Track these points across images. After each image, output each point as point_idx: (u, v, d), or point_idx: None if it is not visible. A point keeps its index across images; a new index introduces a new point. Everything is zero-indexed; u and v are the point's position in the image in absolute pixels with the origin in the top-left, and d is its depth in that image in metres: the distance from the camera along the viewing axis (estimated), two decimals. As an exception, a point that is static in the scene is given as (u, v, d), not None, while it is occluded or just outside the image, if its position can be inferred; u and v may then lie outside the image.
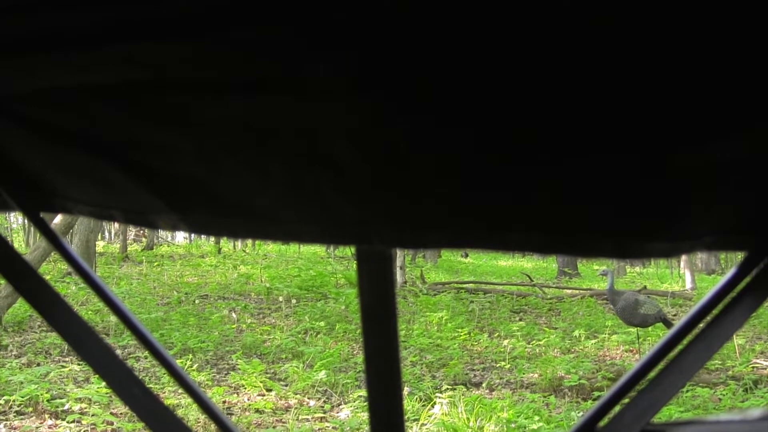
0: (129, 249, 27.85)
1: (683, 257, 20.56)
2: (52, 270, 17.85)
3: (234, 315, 13.09)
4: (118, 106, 0.99)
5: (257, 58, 0.82)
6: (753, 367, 9.76)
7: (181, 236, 38.67)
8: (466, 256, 33.76)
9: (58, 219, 10.19)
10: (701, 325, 1.29)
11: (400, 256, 17.07)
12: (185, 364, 9.16)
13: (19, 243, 30.31)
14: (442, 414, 7.43)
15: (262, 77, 0.86)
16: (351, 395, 8.31)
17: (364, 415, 7.31)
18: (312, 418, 7.64)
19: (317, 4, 0.73)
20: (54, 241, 1.46)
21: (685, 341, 1.29)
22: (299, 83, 0.85)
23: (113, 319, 11.17)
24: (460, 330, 12.06)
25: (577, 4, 0.69)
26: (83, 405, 7.41)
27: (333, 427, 7.28)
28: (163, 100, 0.95)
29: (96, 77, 0.92)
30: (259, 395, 8.27)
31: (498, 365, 10.09)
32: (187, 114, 0.97)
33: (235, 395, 8.20)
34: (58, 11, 0.79)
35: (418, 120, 0.89)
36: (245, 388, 8.39)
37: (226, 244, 30.40)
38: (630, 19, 0.70)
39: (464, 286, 18.37)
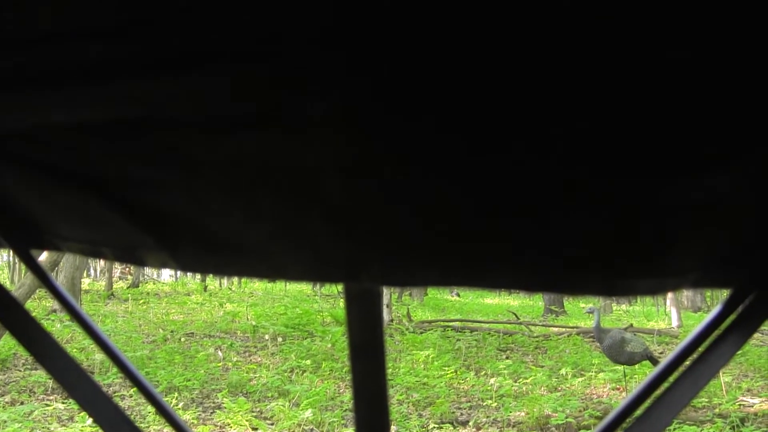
0: (114, 286, 27.68)
1: (669, 295, 20.56)
2: (37, 307, 17.72)
3: (220, 353, 13.01)
4: (109, 143, 0.99)
5: (249, 95, 0.82)
6: (740, 405, 9.74)
7: (166, 274, 38.55)
8: (458, 295, 33.63)
9: (43, 256, 10.13)
10: (687, 362, 1.30)
11: (387, 294, 17.02)
12: (171, 402, 9.08)
13: (3, 280, 30.10)
14: (429, 453, 7.39)
15: (254, 115, 0.87)
16: (337, 434, 8.25)
17: (351, 454, 7.26)
18: (298, 457, 7.58)
19: (310, 45, 0.74)
20: (43, 278, 1.46)
21: (671, 378, 1.29)
22: (291, 122, 0.86)
23: (99, 356, 11.08)
24: (446, 368, 12.01)
25: (570, 32, 0.70)
26: (67, 444, 7.33)
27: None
28: (154, 138, 0.95)
29: (87, 115, 0.92)
30: (244, 434, 8.21)
31: (485, 403, 10.04)
32: (178, 151, 0.97)
33: (221, 434, 8.14)
34: (51, 49, 0.79)
35: (409, 160, 0.90)
36: (231, 427, 8.33)
37: (212, 281, 30.30)
38: (623, 45, 0.71)
39: (451, 324, 18.32)
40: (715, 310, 1.28)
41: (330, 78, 0.78)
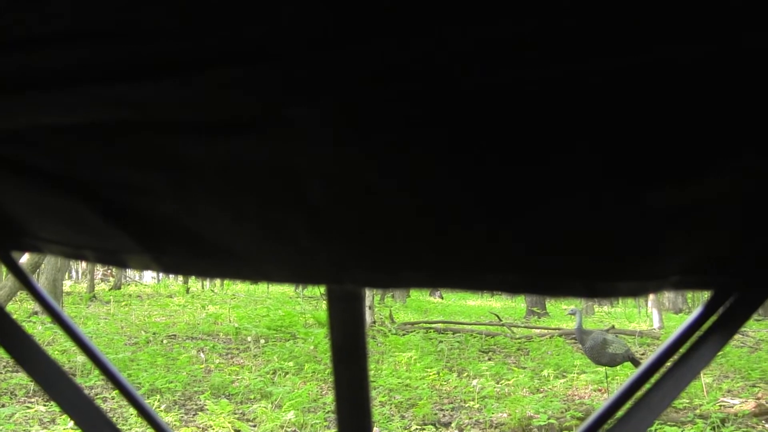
0: (96, 288, 27.57)
1: (651, 296, 20.61)
2: (18, 310, 17.63)
3: (202, 355, 12.98)
4: (93, 146, 0.98)
5: (246, 96, 0.82)
6: (720, 406, 9.80)
7: (149, 276, 38.43)
8: (441, 296, 33.61)
9: (24, 258, 10.09)
10: (668, 363, 1.30)
11: (369, 295, 17.01)
12: (153, 404, 9.05)
13: (-16, 282, 29.91)
14: (412, 454, 7.39)
15: (250, 117, 0.86)
16: (320, 436, 8.25)
17: (333, 456, 7.25)
18: (280, 459, 7.56)
19: (299, 50, 0.74)
20: (24, 280, 1.45)
21: (652, 380, 1.30)
22: (288, 123, 0.85)
23: (80, 359, 11.04)
24: (428, 370, 12.01)
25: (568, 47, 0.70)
26: (48, 447, 7.30)
27: (302, 469, 7.22)
28: (139, 141, 0.95)
29: (72, 117, 0.91)
30: (227, 436, 8.19)
31: (467, 405, 10.06)
32: (163, 155, 0.97)
33: (203, 436, 8.12)
34: (36, 50, 0.79)
35: (394, 163, 0.90)
36: (213, 429, 8.31)
37: (194, 283, 30.19)
38: (624, 59, 0.71)
39: (433, 326, 18.33)
40: (697, 311, 1.29)
41: (328, 79, 0.78)
